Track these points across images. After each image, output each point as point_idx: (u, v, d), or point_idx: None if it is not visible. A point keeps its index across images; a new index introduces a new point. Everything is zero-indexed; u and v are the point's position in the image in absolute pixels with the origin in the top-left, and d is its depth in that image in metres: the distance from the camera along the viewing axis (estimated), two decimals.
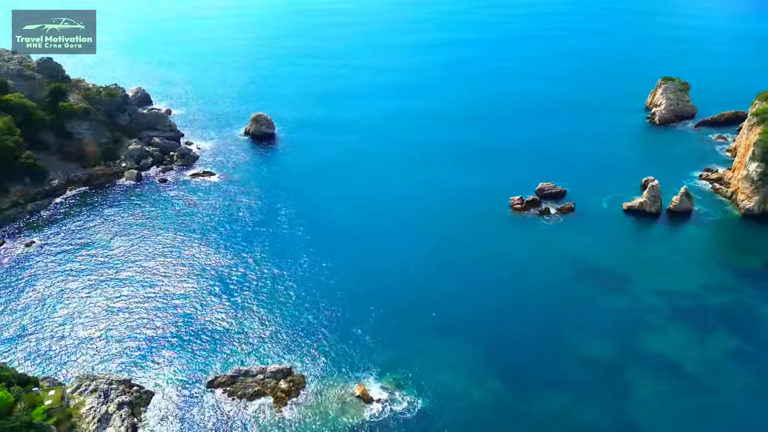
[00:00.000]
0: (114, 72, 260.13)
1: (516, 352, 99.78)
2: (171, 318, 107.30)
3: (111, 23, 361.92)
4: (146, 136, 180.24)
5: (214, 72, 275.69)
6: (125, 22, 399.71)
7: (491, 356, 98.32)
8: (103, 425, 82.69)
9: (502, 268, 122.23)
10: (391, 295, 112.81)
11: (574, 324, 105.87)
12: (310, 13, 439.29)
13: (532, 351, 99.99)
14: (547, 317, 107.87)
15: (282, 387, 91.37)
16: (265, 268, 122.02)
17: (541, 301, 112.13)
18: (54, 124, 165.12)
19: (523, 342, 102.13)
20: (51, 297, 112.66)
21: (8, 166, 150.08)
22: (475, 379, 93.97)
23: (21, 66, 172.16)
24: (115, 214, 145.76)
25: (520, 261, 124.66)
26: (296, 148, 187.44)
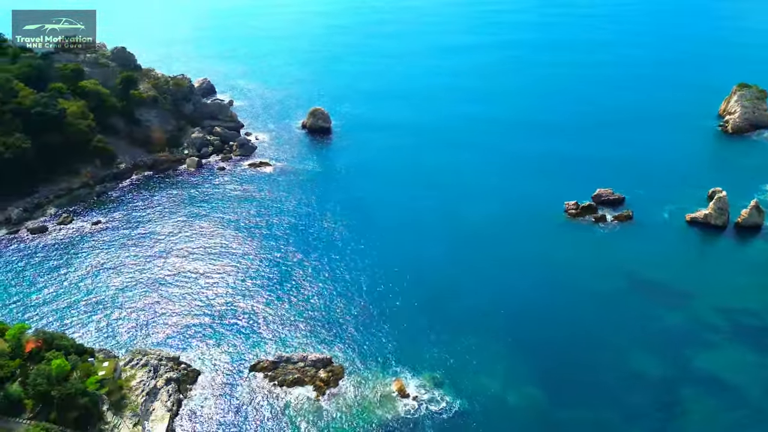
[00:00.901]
0: (183, 63, 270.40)
1: (559, 359, 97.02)
2: (221, 301, 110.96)
3: (186, 16, 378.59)
4: (208, 125, 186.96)
5: (278, 66, 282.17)
6: (198, 17, 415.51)
7: (532, 362, 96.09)
8: (151, 399, 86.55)
9: (552, 272, 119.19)
10: (435, 294, 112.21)
11: (624, 336, 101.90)
12: (375, 11, 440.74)
13: (575, 360, 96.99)
14: (595, 327, 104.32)
15: (321, 376, 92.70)
16: (311, 259, 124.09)
17: (590, 310, 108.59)
18: (124, 110, 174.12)
19: (567, 350, 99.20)
20: (111, 275, 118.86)
21: (81, 148, 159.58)
22: (514, 383, 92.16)
23: (97, 54, 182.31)
24: (175, 199, 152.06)
25: (571, 267, 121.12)
26: (350, 143, 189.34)
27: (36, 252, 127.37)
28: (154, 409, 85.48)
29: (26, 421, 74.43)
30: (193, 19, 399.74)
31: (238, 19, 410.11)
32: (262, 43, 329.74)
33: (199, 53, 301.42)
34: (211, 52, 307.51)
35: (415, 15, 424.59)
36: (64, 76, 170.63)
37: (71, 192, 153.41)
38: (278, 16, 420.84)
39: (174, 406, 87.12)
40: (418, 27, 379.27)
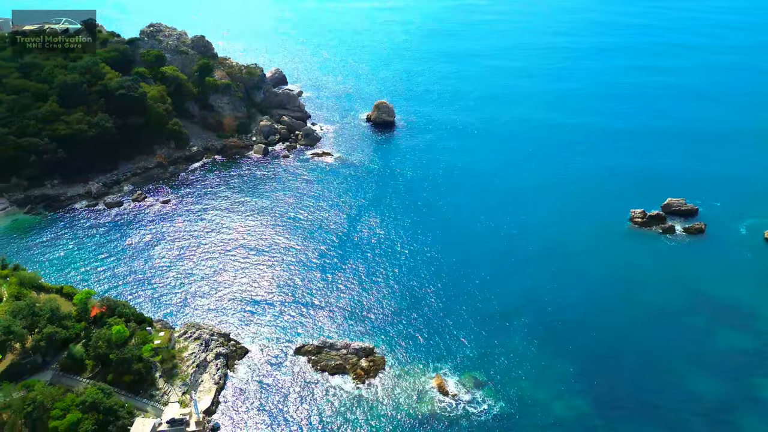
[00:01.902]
0: (258, 53, 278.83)
1: (611, 374, 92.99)
2: (274, 284, 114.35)
3: (267, 9, 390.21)
4: (277, 114, 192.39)
5: (349, 60, 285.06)
6: (278, 10, 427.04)
7: (582, 373, 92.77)
8: (200, 370, 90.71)
9: (611, 283, 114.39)
10: (487, 297, 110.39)
11: (684, 355, 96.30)
12: (467, 10, 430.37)
13: (629, 376, 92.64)
14: (654, 343, 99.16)
15: (362, 365, 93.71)
16: (364, 250, 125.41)
17: (649, 325, 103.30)
18: (199, 96, 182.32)
19: (621, 365, 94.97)
20: (175, 252, 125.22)
21: (158, 130, 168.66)
22: (561, 394, 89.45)
23: (178, 42, 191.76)
24: (240, 183, 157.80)
25: (632, 278, 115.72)
26: (412, 139, 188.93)
27: (110, 225, 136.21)
28: (202, 380, 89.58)
29: (86, 380, 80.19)
30: (273, 11, 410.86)
31: (314, 14, 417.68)
32: (335, 38, 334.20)
33: (274, 45, 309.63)
34: (286, 44, 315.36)
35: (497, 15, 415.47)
36: (147, 61, 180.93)
37: (146, 171, 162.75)
38: (355, 12, 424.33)
39: (221, 380, 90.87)
40: (497, 27, 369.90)
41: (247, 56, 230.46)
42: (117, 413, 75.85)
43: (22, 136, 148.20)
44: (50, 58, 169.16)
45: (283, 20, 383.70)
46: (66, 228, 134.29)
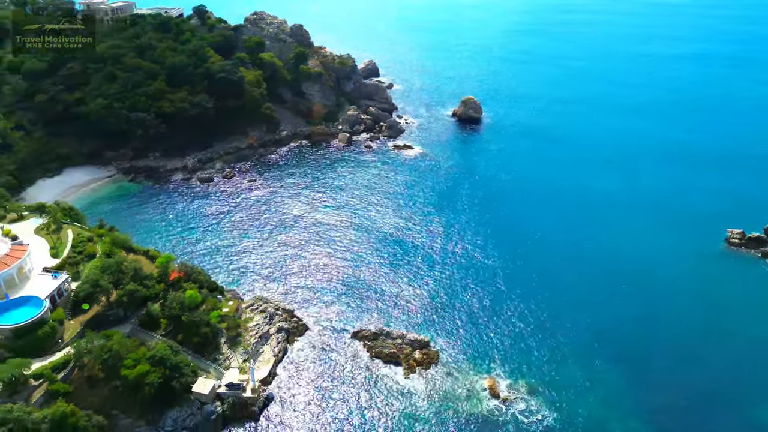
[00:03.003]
0: (354, 44, 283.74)
1: (685, 406, 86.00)
2: (342, 268, 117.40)
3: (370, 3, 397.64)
4: (364, 104, 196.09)
5: (442, 56, 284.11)
6: (380, 4, 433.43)
7: (649, 397, 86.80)
8: (262, 341, 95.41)
9: (699, 307, 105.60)
10: (559, 307, 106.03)
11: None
12: (561, 10, 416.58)
13: (704, 410, 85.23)
14: (740, 376, 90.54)
15: (416, 357, 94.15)
16: (431, 246, 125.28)
17: (738, 356, 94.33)
18: (293, 83, 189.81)
19: (697, 397, 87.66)
20: (255, 228, 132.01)
21: (251, 113, 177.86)
22: (622, 416, 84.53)
23: (278, 30, 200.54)
24: (322, 170, 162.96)
25: (724, 305, 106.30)
26: (498, 137, 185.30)
27: (199, 198, 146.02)
28: (262, 351, 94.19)
29: (158, 336, 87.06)
30: (375, 5, 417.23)
31: (414, 10, 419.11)
32: (432, 33, 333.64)
33: (371, 36, 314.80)
34: (383, 36, 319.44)
35: (600, 18, 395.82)
36: (248, 47, 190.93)
37: (238, 151, 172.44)
38: (456, 10, 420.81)
39: (280, 353, 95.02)
40: (605, 28, 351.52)
41: (343, 46, 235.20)
42: (182, 370, 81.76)
43: (133, 110, 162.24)
44: (163, 41, 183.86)
45: (384, 15, 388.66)
46: (161, 197, 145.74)
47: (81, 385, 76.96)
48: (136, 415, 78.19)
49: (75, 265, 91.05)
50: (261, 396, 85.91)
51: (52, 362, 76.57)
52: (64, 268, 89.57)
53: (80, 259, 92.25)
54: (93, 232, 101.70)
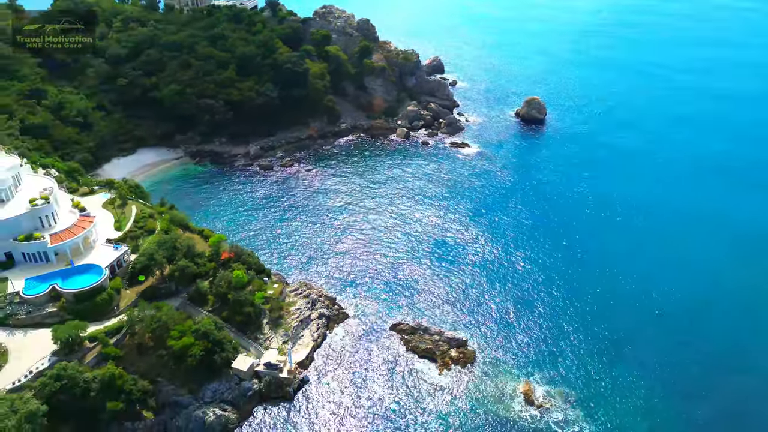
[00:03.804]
0: (421, 40, 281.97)
1: None
2: (387, 260, 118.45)
3: None
4: (425, 100, 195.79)
5: (511, 55, 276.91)
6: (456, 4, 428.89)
7: (705, 424, 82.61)
8: (302, 325, 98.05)
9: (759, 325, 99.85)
10: (607, 316, 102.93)
11: None
12: (641, 10, 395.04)
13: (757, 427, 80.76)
14: None
15: (452, 354, 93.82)
16: (479, 246, 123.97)
17: None
18: (356, 77, 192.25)
19: (751, 414, 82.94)
20: (307, 216, 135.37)
21: (314, 105, 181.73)
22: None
23: (345, 24, 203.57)
24: (378, 163, 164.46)
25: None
26: (560, 141, 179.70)
27: (257, 184, 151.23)
28: (302, 335, 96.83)
29: (205, 312, 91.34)
30: (447, 3, 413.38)
31: (486, 7, 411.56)
32: (502, 32, 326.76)
33: (439, 33, 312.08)
34: (452, 33, 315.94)
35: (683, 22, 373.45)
36: (315, 40, 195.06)
37: (299, 141, 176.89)
38: (528, 8, 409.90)
39: (319, 338, 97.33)
40: (688, 33, 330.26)
41: (409, 42, 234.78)
42: (223, 346, 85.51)
43: (202, 97, 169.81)
44: (236, 31, 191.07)
45: (455, 13, 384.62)
46: (222, 181, 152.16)
47: (131, 351, 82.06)
48: (179, 384, 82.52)
49: (135, 238, 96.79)
50: (297, 378, 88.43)
51: (107, 327, 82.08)
52: (125, 240, 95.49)
53: (140, 234, 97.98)
54: (154, 209, 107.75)
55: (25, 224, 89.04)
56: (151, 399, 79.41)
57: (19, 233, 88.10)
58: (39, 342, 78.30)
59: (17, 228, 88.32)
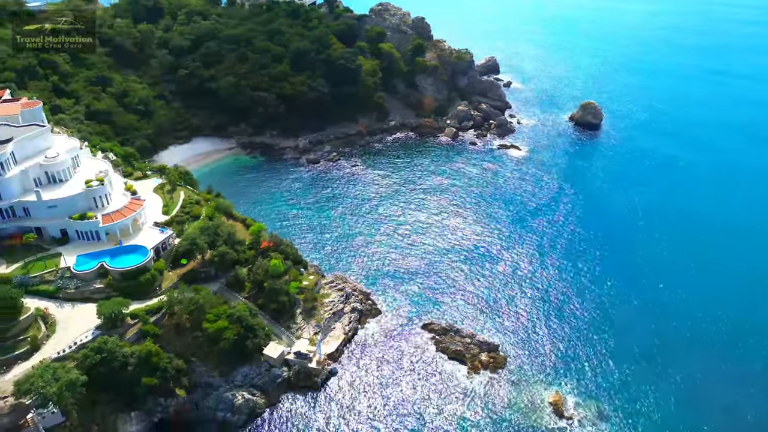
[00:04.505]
0: (477, 39, 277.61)
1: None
2: (425, 259, 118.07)
3: None
4: (476, 100, 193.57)
5: (569, 57, 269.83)
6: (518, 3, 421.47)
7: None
8: (335, 318, 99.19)
9: None
10: (650, 332, 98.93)
11: None
12: (713, 18, 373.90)
13: None
14: None
15: (482, 358, 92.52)
16: (521, 250, 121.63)
17: None
18: (407, 75, 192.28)
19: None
20: (348, 211, 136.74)
21: (364, 101, 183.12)
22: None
23: (400, 21, 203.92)
24: (424, 161, 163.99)
25: None
26: (613, 148, 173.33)
27: (304, 177, 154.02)
28: (334, 327, 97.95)
29: (241, 298, 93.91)
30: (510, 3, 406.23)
31: (551, 8, 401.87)
32: (566, 33, 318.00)
33: (498, 33, 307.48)
34: (510, 33, 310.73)
35: None
36: (369, 36, 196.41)
37: (347, 136, 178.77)
38: (596, 10, 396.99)
39: (350, 332, 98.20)
40: (746, 42, 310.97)
41: (465, 42, 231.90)
42: (256, 332, 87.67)
43: (256, 90, 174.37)
44: (293, 26, 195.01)
45: (517, 13, 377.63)
46: (270, 172, 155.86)
47: (168, 331, 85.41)
48: (211, 366, 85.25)
49: (181, 223, 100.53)
50: (325, 369, 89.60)
51: (148, 306, 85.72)
52: (171, 224, 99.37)
53: (186, 219, 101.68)
54: (201, 196, 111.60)
55: (80, 204, 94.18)
56: (184, 378, 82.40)
57: (74, 212, 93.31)
58: (85, 315, 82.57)
59: (73, 207, 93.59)
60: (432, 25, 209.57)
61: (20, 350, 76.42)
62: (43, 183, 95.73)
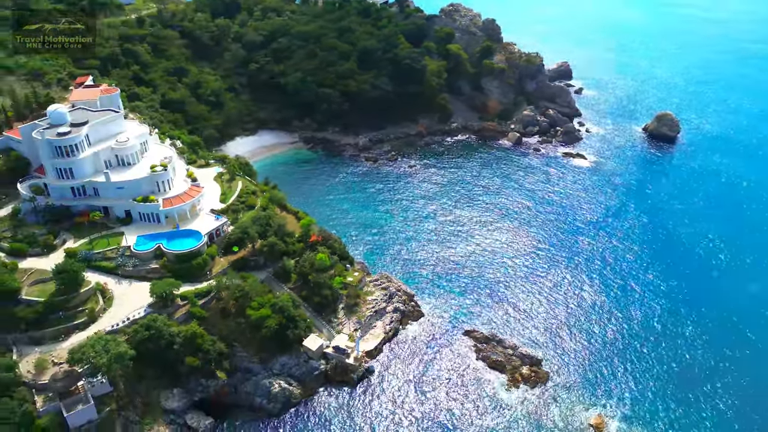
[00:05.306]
0: (550, 43, 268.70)
1: None
2: (475, 265, 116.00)
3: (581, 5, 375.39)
4: (543, 106, 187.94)
5: (646, 64, 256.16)
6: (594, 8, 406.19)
7: None
8: (376, 316, 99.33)
9: None
10: (709, 357, 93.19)
11: None
12: None
13: None
14: None
15: (523, 372, 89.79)
16: (578, 266, 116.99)
17: None
18: (473, 76, 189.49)
19: None
20: (402, 211, 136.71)
21: (426, 102, 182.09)
22: None
23: (470, 22, 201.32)
24: (483, 166, 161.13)
25: None
26: (690, 164, 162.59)
27: (361, 175, 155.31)
28: (375, 326, 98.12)
29: (286, 288, 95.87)
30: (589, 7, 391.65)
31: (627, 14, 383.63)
32: (642, 40, 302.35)
33: (573, 37, 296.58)
34: (587, 38, 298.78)
35: None
36: (438, 37, 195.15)
37: (407, 136, 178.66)
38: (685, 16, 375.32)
39: (391, 332, 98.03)
40: None
41: (537, 45, 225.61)
42: (297, 323, 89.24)
43: (322, 86, 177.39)
44: (362, 25, 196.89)
45: (599, 17, 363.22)
46: (328, 168, 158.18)
47: (215, 314, 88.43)
48: (252, 352, 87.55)
49: (236, 212, 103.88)
50: (362, 366, 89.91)
51: (197, 289, 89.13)
52: (226, 213, 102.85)
53: (241, 208, 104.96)
54: (258, 187, 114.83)
55: (145, 187, 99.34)
56: (225, 361, 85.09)
57: (138, 194, 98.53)
58: (140, 293, 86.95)
59: (138, 189, 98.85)
60: (503, 27, 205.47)
61: (78, 321, 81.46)
62: (112, 165, 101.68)
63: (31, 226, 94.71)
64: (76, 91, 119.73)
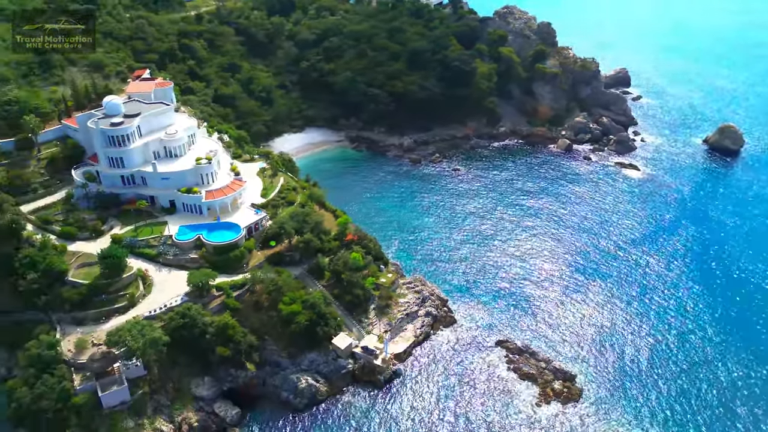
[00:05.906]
0: (610, 49, 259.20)
1: None
2: (511, 273, 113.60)
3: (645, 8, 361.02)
4: (597, 113, 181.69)
5: (722, 73, 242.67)
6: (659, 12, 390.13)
7: None
8: (407, 319, 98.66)
9: None
10: (751, 385, 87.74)
11: None
12: None
13: None
14: None
15: (555, 387, 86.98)
16: (621, 279, 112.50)
17: None
18: (525, 81, 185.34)
19: None
20: (442, 214, 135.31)
21: (475, 104, 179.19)
22: None
23: (524, 26, 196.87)
24: (531, 172, 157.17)
25: None
26: (754, 181, 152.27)
27: (403, 176, 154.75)
28: (405, 329, 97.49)
29: (319, 286, 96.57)
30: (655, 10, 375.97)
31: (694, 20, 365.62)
32: (711, 49, 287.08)
33: (635, 43, 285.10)
34: (651, 44, 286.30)
35: None
36: (490, 39, 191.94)
37: (453, 139, 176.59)
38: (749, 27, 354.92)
39: (421, 336, 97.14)
40: None
41: (597, 50, 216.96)
42: (328, 321, 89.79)
43: (370, 86, 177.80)
44: (414, 26, 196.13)
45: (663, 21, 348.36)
46: (371, 168, 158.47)
47: (248, 307, 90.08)
48: (282, 347, 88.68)
49: (275, 207, 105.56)
50: (390, 368, 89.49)
51: (233, 281, 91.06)
52: (266, 207, 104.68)
53: (281, 203, 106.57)
54: (299, 184, 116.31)
55: (189, 179, 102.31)
56: (255, 353, 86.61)
57: (183, 185, 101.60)
58: (178, 281, 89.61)
59: (182, 181, 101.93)
60: (559, 31, 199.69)
61: (119, 304, 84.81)
62: (160, 156, 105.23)
63: (82, 211, 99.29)
64: (133, 83, 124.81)
